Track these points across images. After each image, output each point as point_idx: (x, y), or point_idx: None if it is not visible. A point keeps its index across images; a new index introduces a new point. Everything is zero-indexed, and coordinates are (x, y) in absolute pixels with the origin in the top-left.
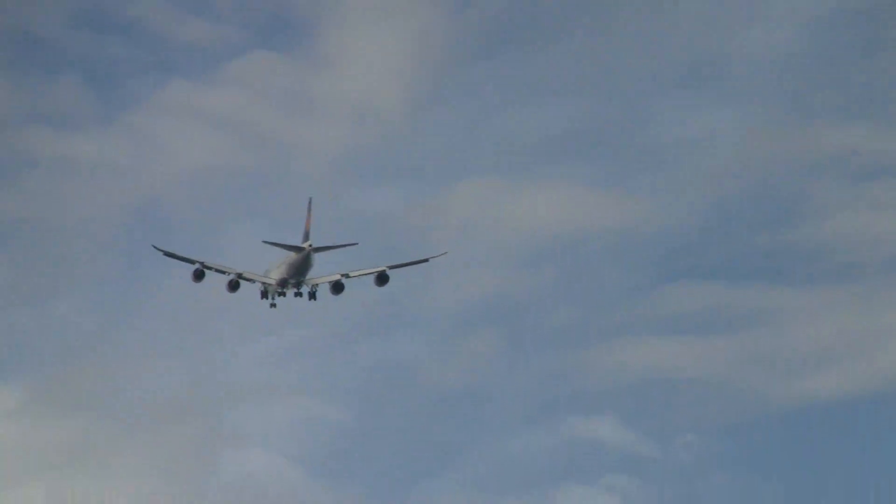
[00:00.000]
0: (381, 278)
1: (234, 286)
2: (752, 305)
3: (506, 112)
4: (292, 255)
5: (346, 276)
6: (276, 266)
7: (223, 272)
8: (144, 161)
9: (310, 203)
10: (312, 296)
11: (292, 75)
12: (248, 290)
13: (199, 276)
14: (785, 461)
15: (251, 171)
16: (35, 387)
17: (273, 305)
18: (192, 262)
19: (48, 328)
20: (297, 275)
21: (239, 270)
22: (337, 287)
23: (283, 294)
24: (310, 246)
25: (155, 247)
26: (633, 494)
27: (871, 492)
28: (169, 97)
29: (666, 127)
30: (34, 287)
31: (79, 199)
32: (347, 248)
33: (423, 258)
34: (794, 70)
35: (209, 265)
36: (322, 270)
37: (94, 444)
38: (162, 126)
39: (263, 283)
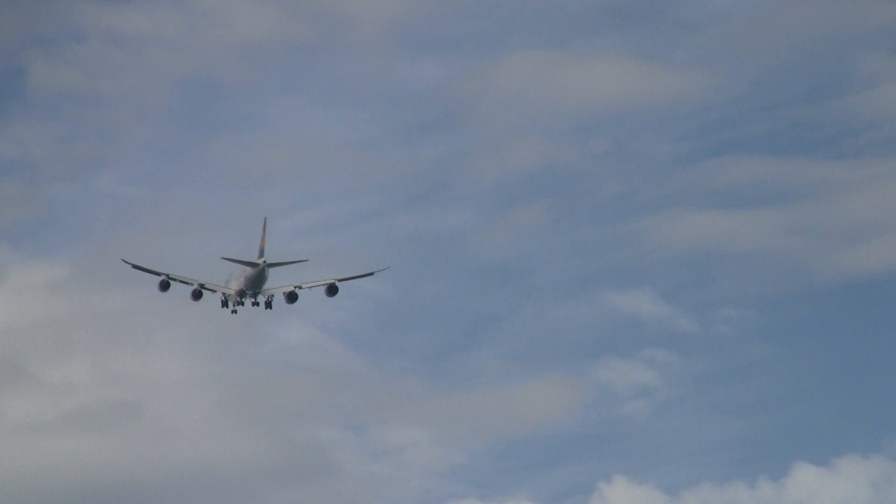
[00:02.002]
0: (332, 289)
1: (197, 295)
2: (797, 178)
3: None
4: (248, 270)
5: (299, 287)
6: (234, 278)
7: (187, 283)
8: (193, 34)
9: (265, 223)
10: (269, 305)
11: None
12: (210, 299)
13: (164, 286)
14: (828, 335)
15: (300, 44)
16: (81, 260)
17: (234, 312)
18: (157, 274)
19: (95, 201)
20: (253, 287)
21: (201, 281)
22: (291, 297)
23: (242, 303)
24: (264, 262)
25: (124, 260)
26: (673, 368)
27: None
28: None
29: None
30: (81, 160)
31: (127, 73)
32: (300, 263)
33: (368, 272)
34: None
35: (174, 277)
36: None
37: (141, 317)
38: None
39: (224, 293)
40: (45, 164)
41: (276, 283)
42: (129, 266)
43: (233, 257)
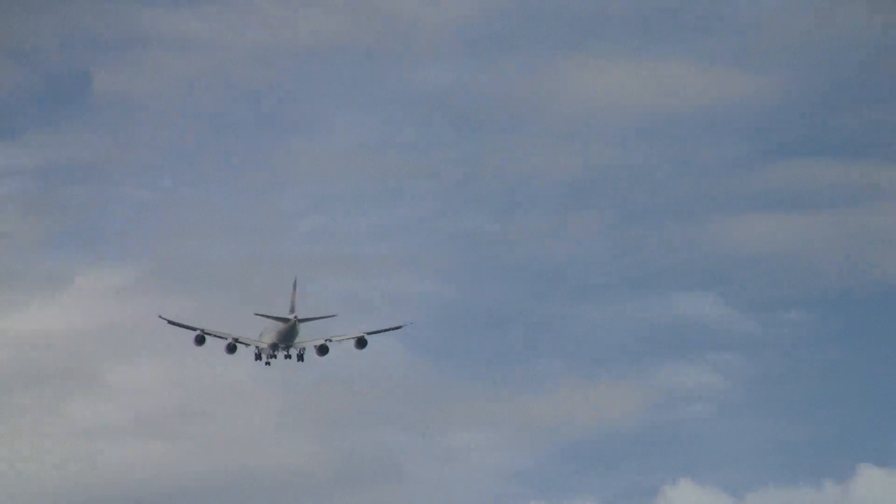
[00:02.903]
0: (361, 342)
1: (231, 349)
2: (859, 180)
3: None
4: (281, 325)
5: (329, 340)
6: (267, 332)
7: (221, 337)
8: (255, 40)
9: (295, 282)
10: (301, 357)
11: None
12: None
13: (200, 341)
14: (892, 337)
15: (357, 48)
16: (146, 264)
17: (268, 364)
18: (193, 329)
19: (156, 205)
20: (285, 340)
21: (235, 336)
22: (322, 350)
23: (275, 356)
24: (295, 318)
25: (160, 316)
26: (737, 370)
27: None
28: None
29: None
30: (144, 164)
31: (189, 78)
32: (329, 318)
33: (396, 326)
34: None
35: (209, 332)
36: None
37: (207, 318)
38: (272, 5)
39: (257, 347)
40: (109, 169)
41: (310, 336)
42: (166, 322)
43: (266, 313)
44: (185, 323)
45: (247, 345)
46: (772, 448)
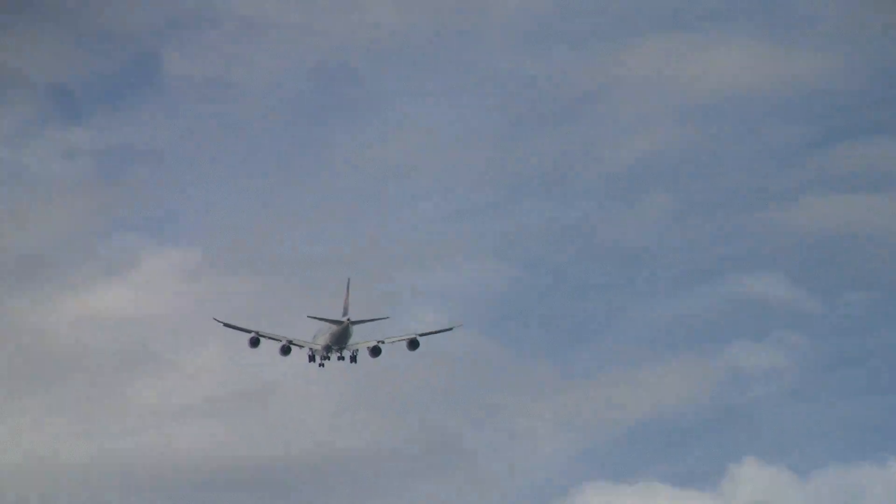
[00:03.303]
0: (413, 344)
1: (285, 351)
2: None
3: None
4: (334, 327)
5: (382, 342)
6: (321, 334)
7: (276, 339)
8: (329, 21)
9: (348, 283)
10: (353, 359)
11: None
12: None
13: (254, 343)
14: None
15: (428, 33)
16: (213, 248)
17: (321, 366)
18: (248, 331)
19: (225, 189)
20: (338, 342)
21: (290, 338)
22: (375, 351)
23: (328, 358)
24: (348, 320)
25: (215, 319)
26: (803, 351)
27: None
28: None
29: None
30: (213, 147)
31: (260, 60)
32: (381, 320)
33: (447, 328)
34: None
35: (263, 334)
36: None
37: (274, 303)
38: None
39: (311, 349)
40: (179, 152)
41: (362, 337)
42: (221, 324)
43: (319, 316)
44: (241, 325)
45: (301, 346)
46: (836, 427)
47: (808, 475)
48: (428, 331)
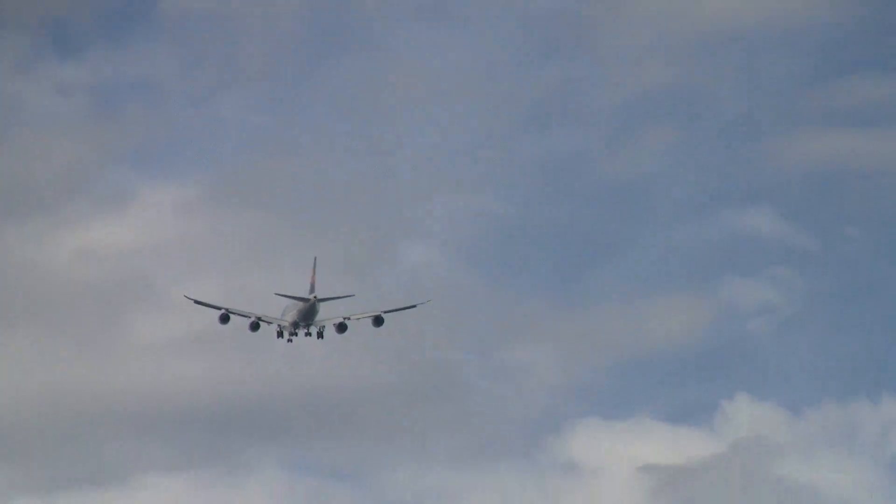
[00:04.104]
0: (378, 320)
1: (254, 327)
2: None
3: None
4: (301, 304)
5: (348, 319)
6: (288, 311)
7: (245, 316)
8: None
9: (314, 262)
10: (320, 335)
11: None
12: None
13: (224, 319)
14: None
15: None
16: (211, 181)
17: (290, 341)
18: (218, 308)
19: (220, 123)
20: (305, 319)
21: (258, 314)
22: (341, 327)
23: (296, 334)
24: (315, 298)
25: (186, 296)
26: (794, 286)
27: None
28: None
29: None
30: (208, 82)
31: None
32: (347, 298)
33: (410, 305)
34: None
35: (233, 311)
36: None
37: (270, 237)
38: None
39: (279, 325)
40: (173, 86)
41: (329, 314)
42: (192, 301)
43: (285, 293)
44: (211, 303)
45: (269, 323)
46: (829, 363)
47: (800, 411)
48: (392, 308)
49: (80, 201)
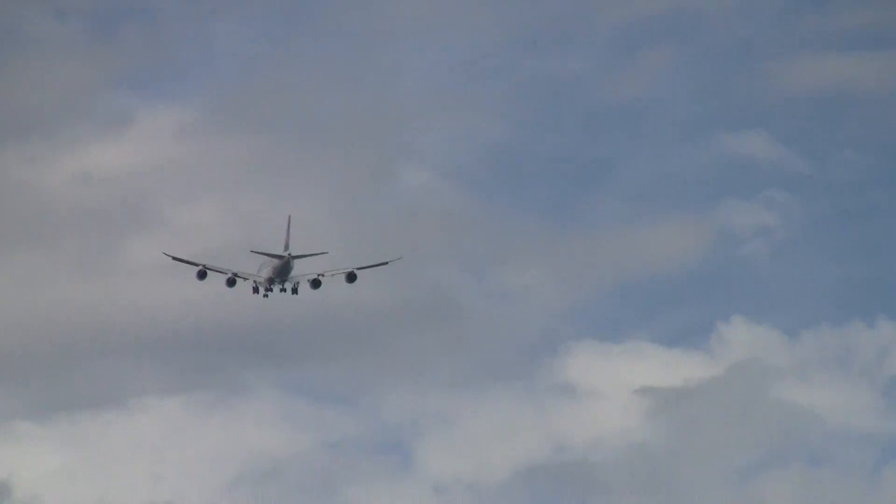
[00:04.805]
0: (350, 277)
1: (231, 282)
2: None
3: None
4: (276, 261)
5: (322, 275)
6: (264, 267)
7: (222, 272)
8: None
9: (289, 220)
10: (295, 290)
11: None
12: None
13: (202, 275)
14: None
15: None
16: (209, 105)
17: (265, 296)
18: (195, 265)
19: (219, 47)
20: (280, 275)
21: (235, 270)
22: (315, 283)
23: (271, 290)
24: (289, 255)
25: (165, 253)
26: (790, 210)
27: None
28: None
29: None
30: (205, 6)
31: None
32: (320, 255)
33: (382, 262)
34: None
35: (210, 267)
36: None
37: (271, 162)
38: None
39: (255, 281)
40: (171, 9)
41: (303, 270)
42: (170, 258)
43: (261, 251)
44: (188, 259)
45: (245, 279)
46: (825, 287)
47: (796, 334)
48: (365, 265)
49: (78, 125)
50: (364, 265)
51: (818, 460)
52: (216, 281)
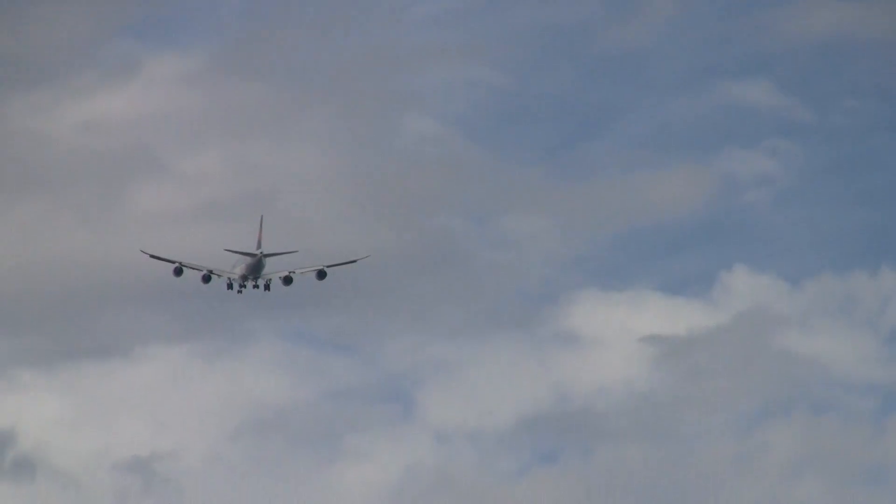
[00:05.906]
0: (321, 274)
1: (206, 279)
2: None
3: None
4: (249, 259)
5: (293, 272)
6: (237, 265)
7: (198, 269)
8: None
9: (261, 220)
10: (267, 287)
11: None
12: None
13: (178, 272)
14: None
15: None
16: (215, 52)
17: (239, 292)
18: (171, 262)
19: None
20: (253, 273)
21: (210, 268)
22: (287, 280)
23: (245, 286)
24: (261, 253)
25: (142, 251)
26: (792, 158)
27: None
28: None
29: None
30: None
31: None
32: (291, 254)
33: (351, 260)
34: None
35: (186, 264)
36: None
37: (274, 109)
38: None
39: (229, 278)
40: None
41: (276, 268)
42: (147, 256)
43: (235, 249)
44: (165, 256)
45: (220, 276)
46: (828, 235)
47: (798, 283)
48: (334, 262)
49: (84, 72)
50: (333, 263)
51: (821, 408)
52: (192, 278)
